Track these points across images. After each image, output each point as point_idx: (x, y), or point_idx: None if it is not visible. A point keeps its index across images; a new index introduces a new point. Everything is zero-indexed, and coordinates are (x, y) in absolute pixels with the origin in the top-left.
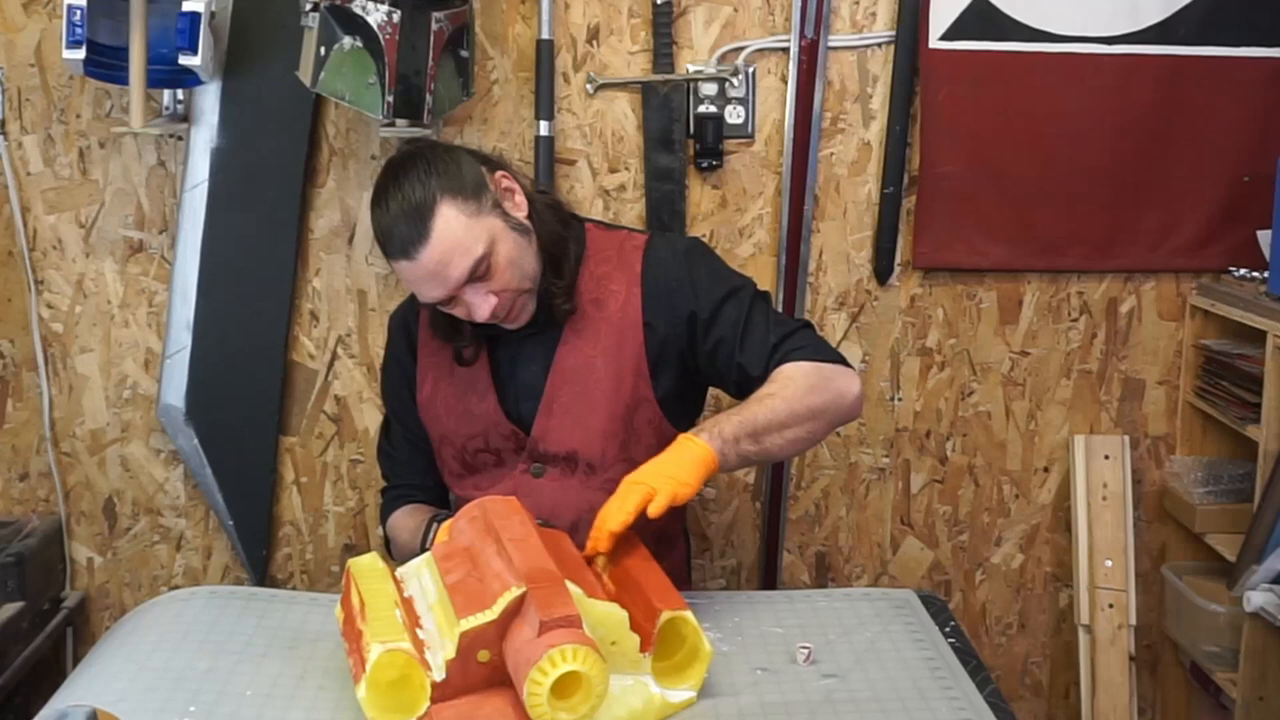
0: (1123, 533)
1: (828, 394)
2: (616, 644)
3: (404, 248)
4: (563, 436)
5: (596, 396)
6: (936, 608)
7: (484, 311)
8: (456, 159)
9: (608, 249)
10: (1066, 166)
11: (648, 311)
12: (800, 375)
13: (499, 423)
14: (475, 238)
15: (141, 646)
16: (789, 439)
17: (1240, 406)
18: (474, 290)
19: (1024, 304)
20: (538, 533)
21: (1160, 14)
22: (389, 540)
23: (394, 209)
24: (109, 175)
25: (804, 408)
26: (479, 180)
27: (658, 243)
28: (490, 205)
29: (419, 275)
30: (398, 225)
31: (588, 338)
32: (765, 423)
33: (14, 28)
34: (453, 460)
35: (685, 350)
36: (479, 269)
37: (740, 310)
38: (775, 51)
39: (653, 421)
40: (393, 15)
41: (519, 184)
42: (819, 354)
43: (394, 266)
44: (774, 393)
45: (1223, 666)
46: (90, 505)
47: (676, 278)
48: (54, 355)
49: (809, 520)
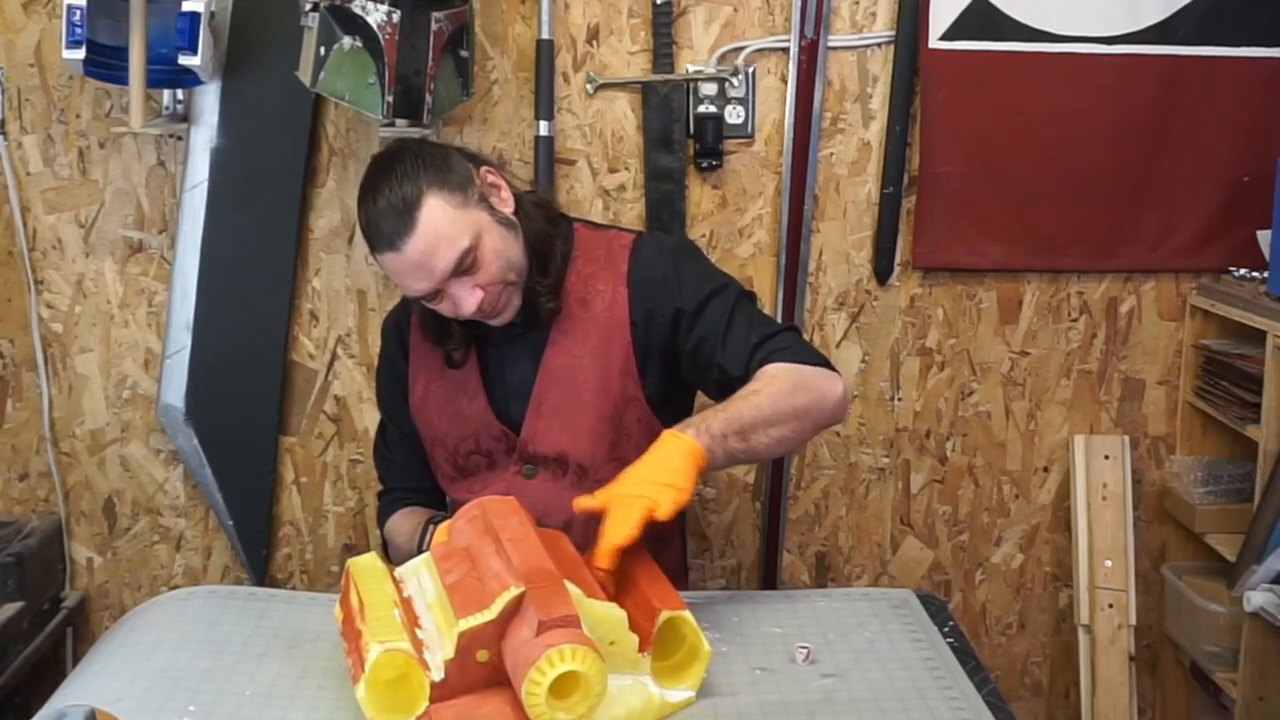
0: (1123, 533)
1: (810, 394)
2: (615, 644)
3: (390, 240)
4: (552, 438)
5: (584, 398)
6: (936, 608)
7: (470, 305)
8: (443, 153)
9: (596, 249)
10: (1066, 166)
11: (634, 310)
12: (784, 374)
13: (489, 424)
14: (461, 230)
15: (141, 646)
16: (774, 438)
17: (1240, 406)
18: (460, 284)
19: (1024, 304)
20: (536, 532)
21: (1160, 14)
22: (386, 543)
23: (381, 203)
24: (109, 175)
25: (789, 406)
26: (465, 174)
27: (645, 241)
28: (476, 199)
29: (405, 267)
30: (384, 218)
31: (575, 338)
32: (751, 420)
33: (14, 28)
34: (445, 463)
35: (669, 347)
36: (465, 261)
37: (724, 310)
38: (775, 51)
39: (642, 420)
40: (392, 15)
41: (505, 180)
42: (801, 356)
43: (380, 261)
44: (758, 389)
45: (1223, 666)
46: (90, 505)
47: (662, 275)
48: (54, 355)
49: (809, 520)
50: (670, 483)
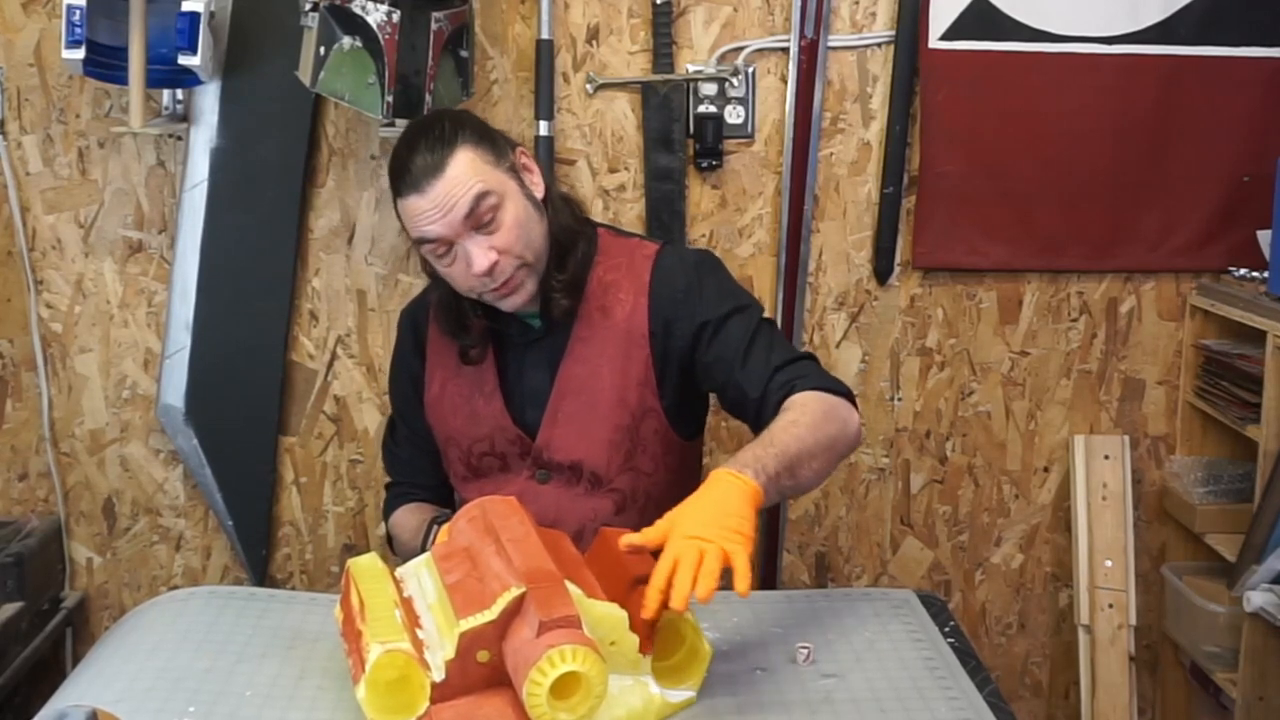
0: (1123, 533)
1: (836, 424)
2: (616, 644)
3: (416, 181)
4: (567, 446)
5: (601, 408)
6: (936, 608)
7: (482, 263)
8: (484, 123)
9: (619, 255)
10: (1066, 166)
11: (654, 321)
12: (814, 403)
13: (505, 427)
14: (486, 180)
15: (141, 646)
16: (814, 470)
17: (1240, 406)
18: (475, 240)
19: (1024, 304)
20: (537, 533)
21: (1160, 14)
22: (391, 537)
23: (415, 145)
24: (108, 175)
25: (825, 436)
26: (502, 145)
27: (668, 253)
28: (508, 167)
29: (425, 207)
30: (415, 158)
31: (594, 347)
32: (797, 454)
33: (14, 28)
34: (458, 463)
35: (688, 359)
36: (484, 209)
37: (745, 329)
38: (775, 51)
39: (659, 432)
40: (392, 15)
41: (539, 168)
42: (824, 383)
43: (402, 206)
44: (796, 420)
45: (1223, 666)
46: (90, 505)
47: (684, 288)
48: (53, 355)
49: (809, 520)
50: (739, 529)
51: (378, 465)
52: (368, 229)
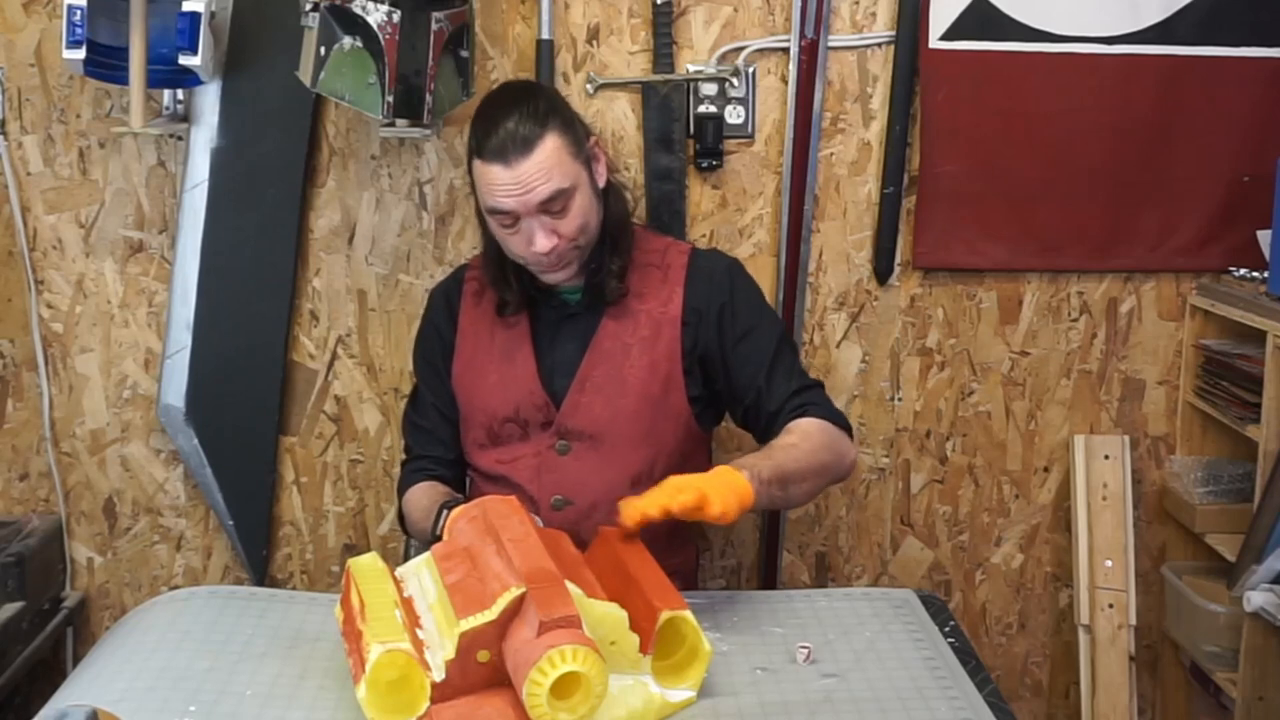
0: (1123, 533)
1: (833, 455)
2: (616, 644)
3: (503, 152)
4: (593, 414)
5: (629, 380)
6: (936, 608)
7: (543, 245)
8: (572, 109)
9: (654, 249)
10: (1066, 166)
11: (686, 310)
12: (817, 432)
13: (534, 391)
14: (566, 173)
15: (141, 646)
16: (805, 490)
17: (1240, 406)
18: (542, 222)
19: (1024, 304)
20: (537, 533)
21: (1160, 14)
22: (403, 515)
23: (509, 112)
24: (109, 175)
25: (819, 462)
26: (582, 134)
27: (702, 253)
28: (584, 158)
29: (506, 181)
30: (508, 125)
31: (626, 325)
32: (791, 471)
33: (14, 28)
34: (479, 429)
35: (714, 350)
36: (557, 201)
37: (770, 343)
38: (775, 51)
39: (681, 415)
40: (393, 15)
41: (606, 157)
42: (831, 415)
43: (479, 169)
44: (796, 444)
45: (1223, 666)
46: (90, 505)
47: (718, 287)
48: (54, 355)
49: (809, 520)
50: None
51: (378, 465)
52: (368, 229)
